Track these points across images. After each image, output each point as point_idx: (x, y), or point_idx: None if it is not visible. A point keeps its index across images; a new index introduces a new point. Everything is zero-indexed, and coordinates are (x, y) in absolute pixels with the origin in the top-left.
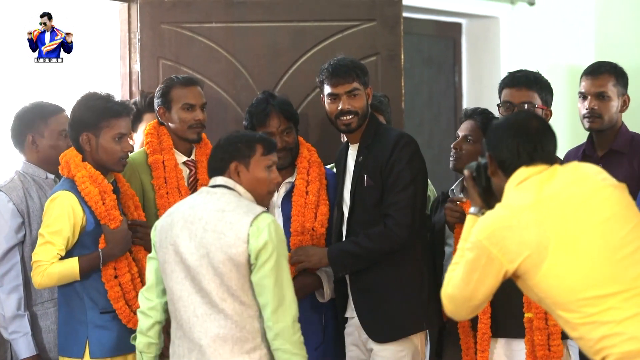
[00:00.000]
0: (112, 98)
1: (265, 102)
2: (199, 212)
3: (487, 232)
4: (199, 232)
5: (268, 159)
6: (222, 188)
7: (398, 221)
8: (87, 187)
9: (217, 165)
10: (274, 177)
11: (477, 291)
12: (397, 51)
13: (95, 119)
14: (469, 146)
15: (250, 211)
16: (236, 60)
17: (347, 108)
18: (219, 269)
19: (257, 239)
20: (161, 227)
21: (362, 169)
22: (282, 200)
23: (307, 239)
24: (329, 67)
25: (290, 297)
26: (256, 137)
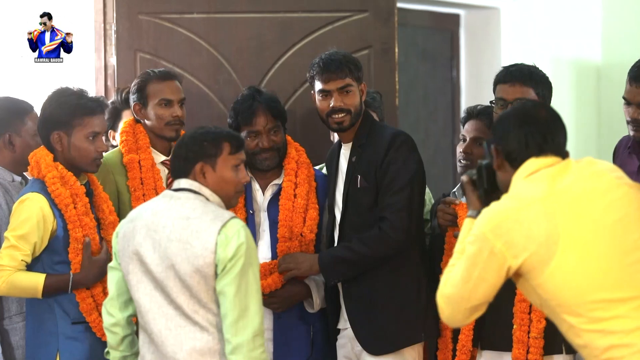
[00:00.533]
0: (86, 94)
1: (252, 98)
2: (163, 219)
3: (492, 223)
4: (163, 242)
5: (236, 157)
6: (187, 192)
7: (394, 224)
8: (57, 188)
9: (181, 166)
10: (242, 177)
11: (476, 290)
12: (391, 44)
13: (68, 117)
14: (480, 149)
15: (217, 218)
16: (219, 53)
17: (339, 105)
18: (187, 281)
19: (225, 249)
20: (123, 234)
21: (356, 170)
22: (269, 204)
23: (296, 245)
24: (320, 62)
25: (254, 309)
26: (223, 134)
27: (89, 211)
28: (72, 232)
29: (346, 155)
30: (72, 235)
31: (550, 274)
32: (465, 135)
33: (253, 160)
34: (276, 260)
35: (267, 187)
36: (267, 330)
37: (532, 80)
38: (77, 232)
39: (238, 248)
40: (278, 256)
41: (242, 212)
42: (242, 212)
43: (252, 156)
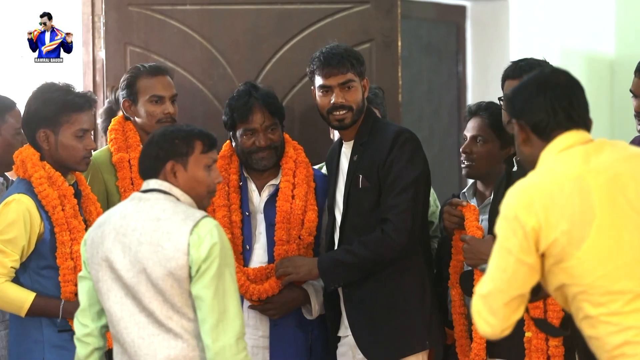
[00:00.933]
0: (73, 89)
1: (248, 94)
2: (132, 222)
3: (523, 201)
4: (134, 246)
5: (208, 157)
6: (156, 193)
7: (397, 226)
8: (45, 189)
9: (151, 165)
10: (215, 177)
11: (516, 277)
12: (394, 37)
13: (54, 114)
14: (480, 148)
15: (188, 217)
16: (213, 47)
17: (341, 102)
18: (159, 286)
19: (198, 249)
20: (91, 240)
21: (357, 169)
22: (265, 205)
23: (294, 248)
24: (320, 56)
25: (233, 312)
26: (195, 132)
27: (77, 213)
28: (59, 236)
29: (347, 154)
30: (59, 239)
31: (580, 257)
32: (466, 134)
33: (249, 159)
34: (273, 264)
35: (263, 187)
36: (263, 338)
37: None
38: (65, 235)
39: (212, 248)
40: (275, 260)
41: (237, 213)
42: (237, 214)
43: (248, 155)
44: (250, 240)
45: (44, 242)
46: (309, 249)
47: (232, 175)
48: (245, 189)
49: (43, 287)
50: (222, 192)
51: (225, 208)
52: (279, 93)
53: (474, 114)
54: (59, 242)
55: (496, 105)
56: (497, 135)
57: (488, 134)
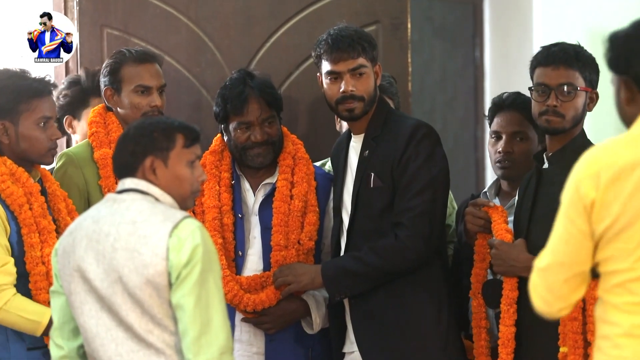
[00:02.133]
0: (28, 74)
1: (242, 83)
2: (105, 226)
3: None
4: (108, 252)
5: (191, 152)
6: (133, 193)
7: (412, 232)
8: (8, 187)
9: (127, 162)
10: (199, 175)
11: (579, 251)
12: (403, 19)
13: (11, 102)
14: (522, 146)
15: (167, 219)
16: (200, 29)
17: (351, 90)
18: (137, 295)
19: (178, 253)
20: (63, 250)
21: (368, 166)
22: (261, 206)
23: (292, 254)
24: (328, 39)
25: (218, 323)
26: (175, 125)
27: (46, 212)
28: (27, 238)
29: (357, 148)
30: (27, 241)
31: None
32: (500, 131)
33: (243, 156)
34: (270, 272)
35: (258, 187)
36: (258, 354)
37: (579, 62)
38: (33, 237)
39: (193, 251)
40: (272, 267)
41: (229, 215)
42: (229, 216)
43: (243, 151)
44: (243, 246)
45: (10, 246)
46: (309, 255)
47: (223, 173)
48: (238, 188)
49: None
50: (213, 192)
51: (215, 209)
52: (274, 81)
53: (507, 107)
54: (27, 245)
55: (527, 97)
56: (535, 131)
57: (528, 130)
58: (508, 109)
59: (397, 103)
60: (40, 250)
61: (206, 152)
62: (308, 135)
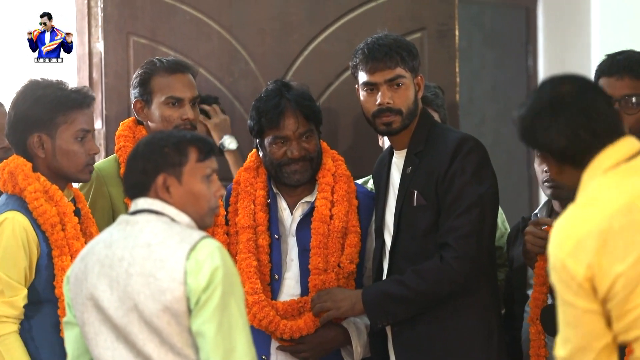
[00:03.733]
0: (66, 85)
1: (278, 95)
2: (119, 251)
3: (567, 247)
4: (122, 279)
5: (206, 165)
6: (147, 214)
7: (459, 253)
8: (41, 205)
9: (138, 181)
10: (216, 190)
11: (592, 329)
12: (450, 25)
13: (49, 114)
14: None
15: (184, 240)
16: (233, 37)
17: (387, 102)
18: (154, 324)
19: (197, 277)
20: (75, 277)
21: (411, 184)
22: (298, 227)
23: (332, 278)
24: (364, 48)
25: (242, 350)
26: (187, 138)
27: (79, 234)
28: (58, 261)
29: (399, 165)
30: (58, 264)
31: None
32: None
33: (280, 173)
34: (307, 297)
35: (296, 205)
36: None
37: None
38: (65, 260)
39: (213, 274)
40: (310, 292)
41: (264, 236)
42: (264, 237)
43: (279, 168)
44: (279, 269)
45: (38, 270)
46: (350, 279)
47: (258, 191)
48: (274, 207)
49: (36, 329)
50: (247, 211)
51: (250, 230)
52: (313, 93)
53: None
54: (57, 268)
55: None
56: None
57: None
58: None
59: (444, 116)
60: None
61: (240, 168)
62: (349, 151)
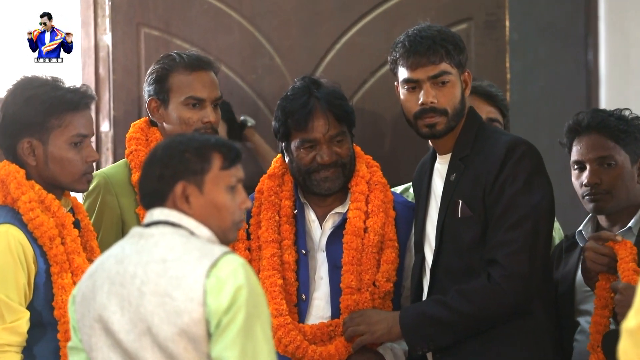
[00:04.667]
0: (62, 84)
1: (307, 93)
2: (131, 267)
3: None
4: (134, 299)
5: (230, 174)
6: (163, 226)
7: (509, 272)
8: (37, 216)
9: (155, 189)
10: (241, 201)
11: None
12: (500, 15)
13: (40, 116)
14: (611, 173)
15: (204, 255)
16: (256, 28)
17: (431, 101)
18: (169, 349)
19: (218, 297)
20: (82, 296)
21: (456, 193)
22: (329, 241)
23: (366, 298)
24: (405, 40)
25: None
26: (211, 143)
27: (79, 249)
28: (57, 278)
29: (442, 171)
30: (57, 282)
31: None
32: (582, 159)
33: (308, 180)
34: (339, 319)
35: (326, 217)
36: None
37: None
38: (65, 277)
39: (236, 294)
40: (342, 314)
41: (291, 251)
42: (291, 252)
43: (307, 175)
44: (307, 288)
45: (36, 289)
46: (387, 300)
47: (284, 200)
48: (301, 219)
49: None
50: (272, 224)
51: (275, 244)
52: (345, 91)
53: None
54: (57, 287)
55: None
56: (626, 150)
57: (616, 153)
58: (587, 132)
59: (506, 114)
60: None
61: (264, 175)
62: (386, 156)
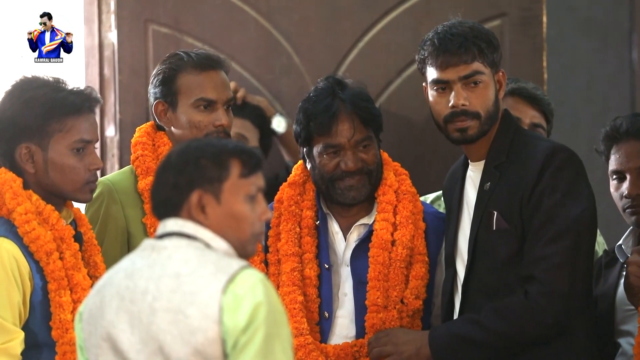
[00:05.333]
0: (65, 85)
1: (330, 94)
2: (142, 282)
3: None
4: (145, 316)
5: (250, 182)
6: (177, 238)
7: (548, 288)
8: (34, 228)
9: (168, 198)
10: (262, 212)
11: None
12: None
13: (40, 120)
14: None
15: (221, 270)
16: (273, 25)
17: (462, 104)
18: None
19: (235, 314)
20: (89, 313)
21: (490, 203)
22: (354, 254)
23: (393, 316)
24: (434, 38)
25: None
26: (230, 148)
27: (80, 264)
28: (55, 296)
29: (475, 180)
30: (55, 300)
31: None
32: (621, 169)
33: (331, 188)
34: (364, 339)
35: (351, 229)
36: None
37: None
38: (64, 295)
39: (254, 311)
40: (367, 333)
41: (312, 266)
42: (313, 267)
43: (330, 183)
44: (330, 305)
45: (32, 307)
46: (415, 318)
47: (305, 211)
48: (324, 230)
49: None
50: (292, 236)
51: (295, 258)
52: (369, 92)
53: (624, 136)
54: (54, 306)
55: None
56: None
57: None
58: (626, 139)
59: (550, 119)
60: (71, 313)
61: (284, 184)
62: (415, 163)
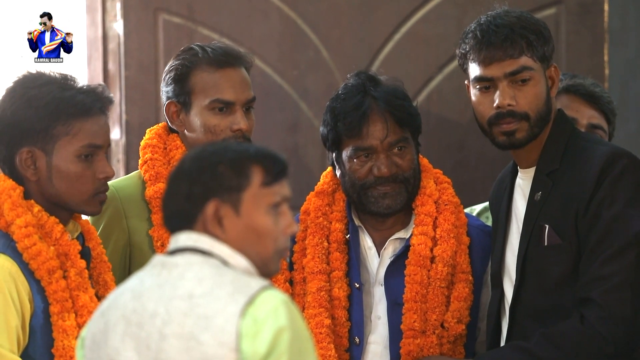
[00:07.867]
0: (73, 83)
1: (361, 91)
2: (151, 303)
3: None
4: (154, 342)
5: (274, 192)
6: (190, 254)
7: (607, 312)
8: (34, 243)
9: (181, 209)
10: (286, 225)
11: None
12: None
13: (44, 122)
14: None
15: (239, 290)
16: (299, 16)
17: (509, 104)
18: None
19: (254, 341)
20: (91, 339)
21: (541, 215)
22: (388, 272)
23: (433, 343)
24: (476, 30)
25: None
26: (250, 154)
27: (87, 284)
28: (57, 319)
29: (525, 189)
30: (57, 324)
31: None
32: None
33: (363, 197)
34: None
35: (385, 243)
36: None
37: None
38: (67, 318)
39: (276, 338)
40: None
41: (342, 285)
42: (342, 286)
43: (362, 191)
44: (362, 330)
45: (32, 331)
46: (458, 345)
47: (334, 223)
48: (355, 245)
49: None
50: (319, 251)
51: (322, 276)
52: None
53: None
54: (57, 330)
55: None
56: None
57: None
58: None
59: (612, 121)
60: (76, 339)
61: (311, 193)
62: (458, 170)
